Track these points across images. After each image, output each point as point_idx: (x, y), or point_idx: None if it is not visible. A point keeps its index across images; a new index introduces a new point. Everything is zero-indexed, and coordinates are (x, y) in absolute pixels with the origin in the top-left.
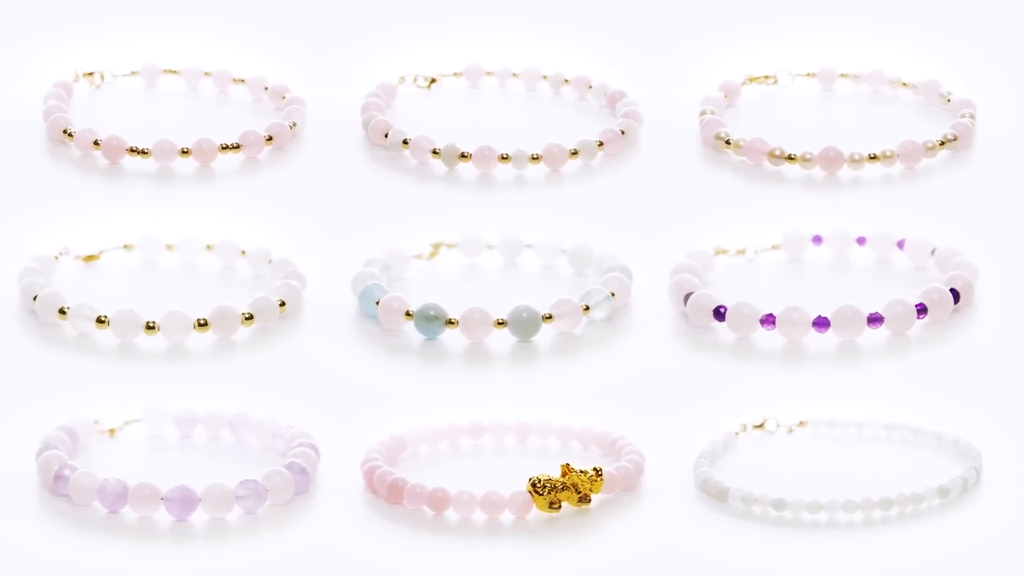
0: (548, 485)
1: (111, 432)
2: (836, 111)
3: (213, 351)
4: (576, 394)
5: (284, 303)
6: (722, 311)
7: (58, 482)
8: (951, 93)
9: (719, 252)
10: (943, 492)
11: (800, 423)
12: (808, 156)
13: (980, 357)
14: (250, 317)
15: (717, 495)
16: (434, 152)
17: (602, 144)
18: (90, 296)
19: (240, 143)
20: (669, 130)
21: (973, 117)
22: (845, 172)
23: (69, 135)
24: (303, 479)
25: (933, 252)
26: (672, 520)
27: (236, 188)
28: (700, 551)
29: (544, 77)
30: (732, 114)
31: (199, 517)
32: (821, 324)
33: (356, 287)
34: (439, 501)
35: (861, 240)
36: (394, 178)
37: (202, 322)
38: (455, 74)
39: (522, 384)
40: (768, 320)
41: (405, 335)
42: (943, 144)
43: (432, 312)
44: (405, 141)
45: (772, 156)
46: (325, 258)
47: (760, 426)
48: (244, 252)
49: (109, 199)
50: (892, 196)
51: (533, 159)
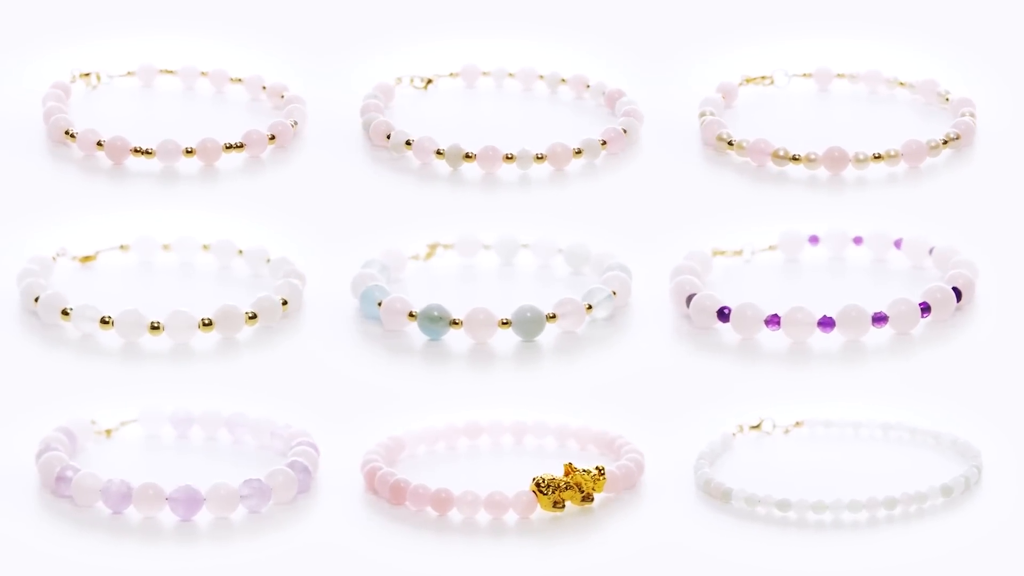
0: (552, 485)
1: (107, 433)
2: (834, 111)
3: (217, 351)
4: (580, 394)
5: (286, 302)
6: (726, 312)
7: (60, 483)
8: (949, 92)
9: (717, 253)
10: (946, 491)
11: (796, 423)
12: (813, 156)
13: (982, 356)
14: (253, 316)
15: (720, 497)
16: (438, 153)
17: (605, 143)
18: (90, 297)
19: (244, 142)
20: (668, 130)
21: (973, 115)
22: (849, 172)
23: (71, 136)
24: (305, 477)
25: (931, 251)
26: (676, 520)
27: (241, 187)
28: (705, 552)
29: (540, 77)
30: (730, 115)
31: (202, 517)
32: (826, 324)
33: (356, 289)
34: (443, 502)
35: (858, 240)
36: (397, 179)
37: (207, 321)
38: (451, 74)
39: (527, 384)
40: (773, 320)
41: (407, 336)
42: (946, 143)
43: (436, 313)
44: (408, 142)
45: (776, 157)
46: (329, 258)
47: (757, 427)
48: (241, 252)
49: (114, 199)
50: (897, 195)
51: (538, 159)
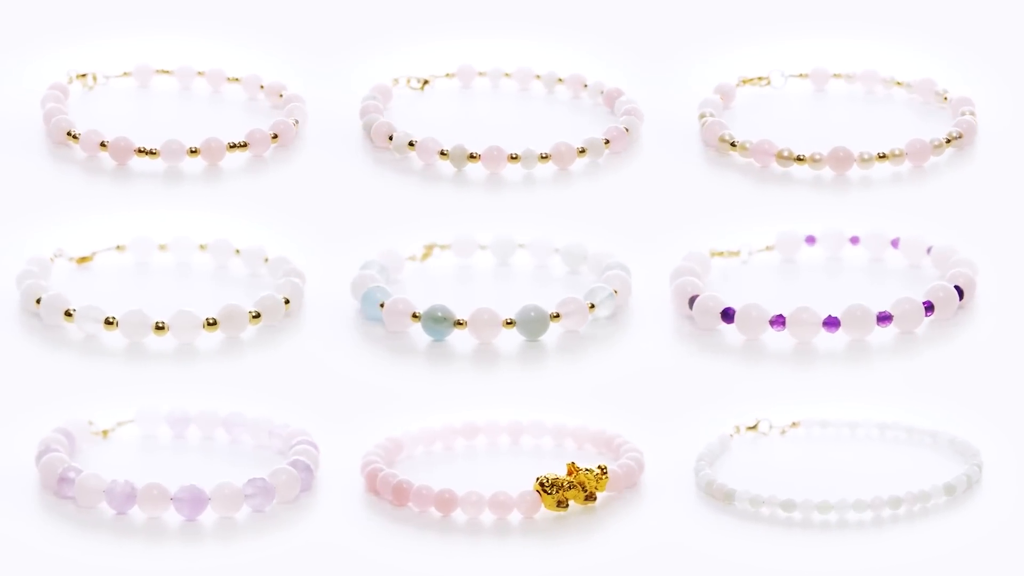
0: (556, 484)
1: (104, 433)
2: (832, 111)
3: (220, 350)
4: (584, 394)
5: (288, 301)
6: (731, 313)
7: (63, 484)
8: (947, 91)
9: (715, 254)
10: (949, 489)
11: (793, 424)
12: (817, 156)
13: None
14: (257, 315)
15: (723, 498)
16: (442, 153)
17: (608, 142)
18: (90, 297)
19: (247, 141)
20: (667, 130)
21: (974, 114)
22: (854, 172)
23: (74, 138)
24: (308, 476)
25: (929, 250)
26: (679, 521)
27: (245, 187)
28: (708, 552)
29: (537, 76)
30: (728, 116)
31: (206, 516)
32: (831, 324)
33: (356, 290)
34: (447, 502)
35: (854, 240)
36: (400, 179)
37: (211, 321)
38: (447, 75)
39: (531, 384)
40: (778, 321)
41: (410, 336)
42: (949, 142)
43: (440, 313)
44: (411, 143)
45: (780, 157)
46: (332, 259)
47: (753, 427)
48: (239, 251)
49: (118, 200)
50: (901, 195)
51: (542, 158)
